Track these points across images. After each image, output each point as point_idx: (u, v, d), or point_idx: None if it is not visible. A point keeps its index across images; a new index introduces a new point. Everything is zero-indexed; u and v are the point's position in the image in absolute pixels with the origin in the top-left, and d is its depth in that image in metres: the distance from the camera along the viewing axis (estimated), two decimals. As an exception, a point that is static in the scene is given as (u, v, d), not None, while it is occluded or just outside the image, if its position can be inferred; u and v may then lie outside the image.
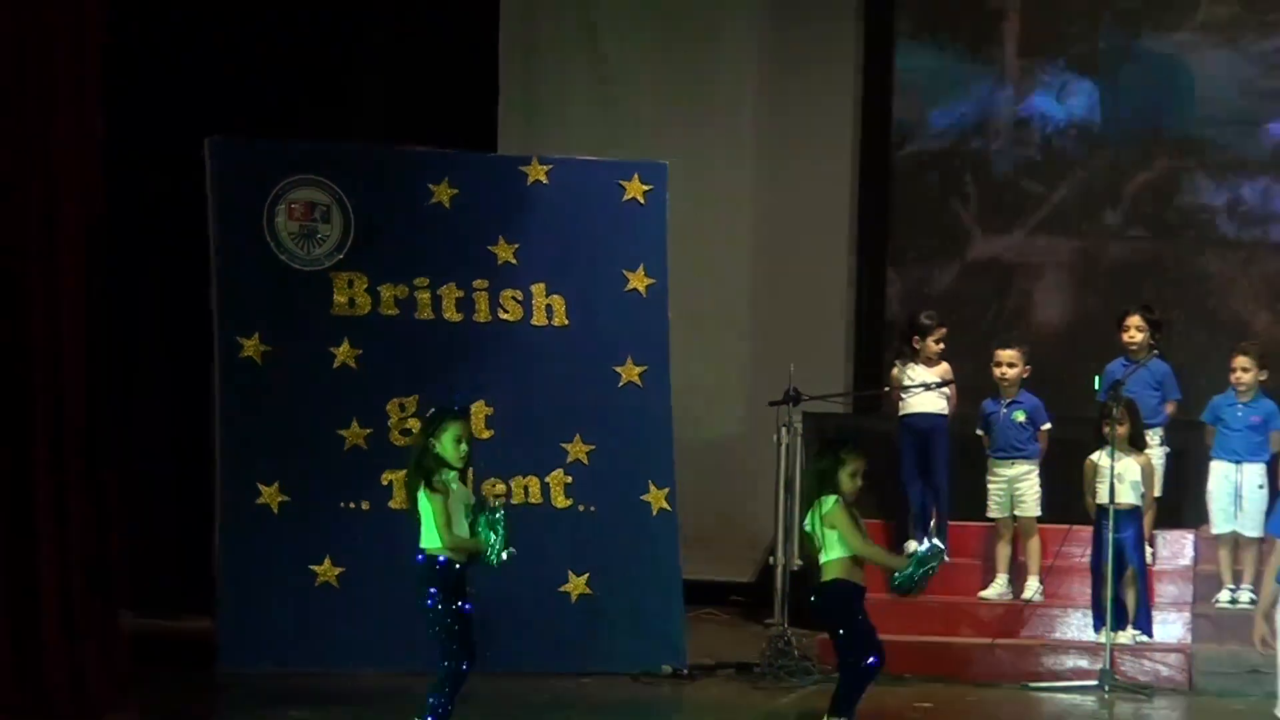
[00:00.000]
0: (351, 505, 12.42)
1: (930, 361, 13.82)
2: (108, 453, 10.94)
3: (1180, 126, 16.29)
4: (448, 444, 9.72)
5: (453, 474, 9.66)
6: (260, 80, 14.76)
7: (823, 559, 10.06)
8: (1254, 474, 13.07)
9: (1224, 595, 13.18)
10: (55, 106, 10.60)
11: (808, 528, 10.13)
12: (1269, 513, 9.14)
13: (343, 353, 12.63)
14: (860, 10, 16.93)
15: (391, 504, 12.02)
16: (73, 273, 10.69)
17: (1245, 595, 12.70)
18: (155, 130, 13.87)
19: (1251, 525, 12.81)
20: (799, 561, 12.02)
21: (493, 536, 9.61)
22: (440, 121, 15.29)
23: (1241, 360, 13.29)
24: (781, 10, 16.94)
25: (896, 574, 10.13)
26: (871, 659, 9.97)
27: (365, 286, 12.72)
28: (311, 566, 12.37)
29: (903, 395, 13.94)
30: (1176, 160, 16.26)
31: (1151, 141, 16.38)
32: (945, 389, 13.83)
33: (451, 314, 12.83)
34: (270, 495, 12.42)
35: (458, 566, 9.58)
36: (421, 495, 9.58)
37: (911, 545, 13.61)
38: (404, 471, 10.21)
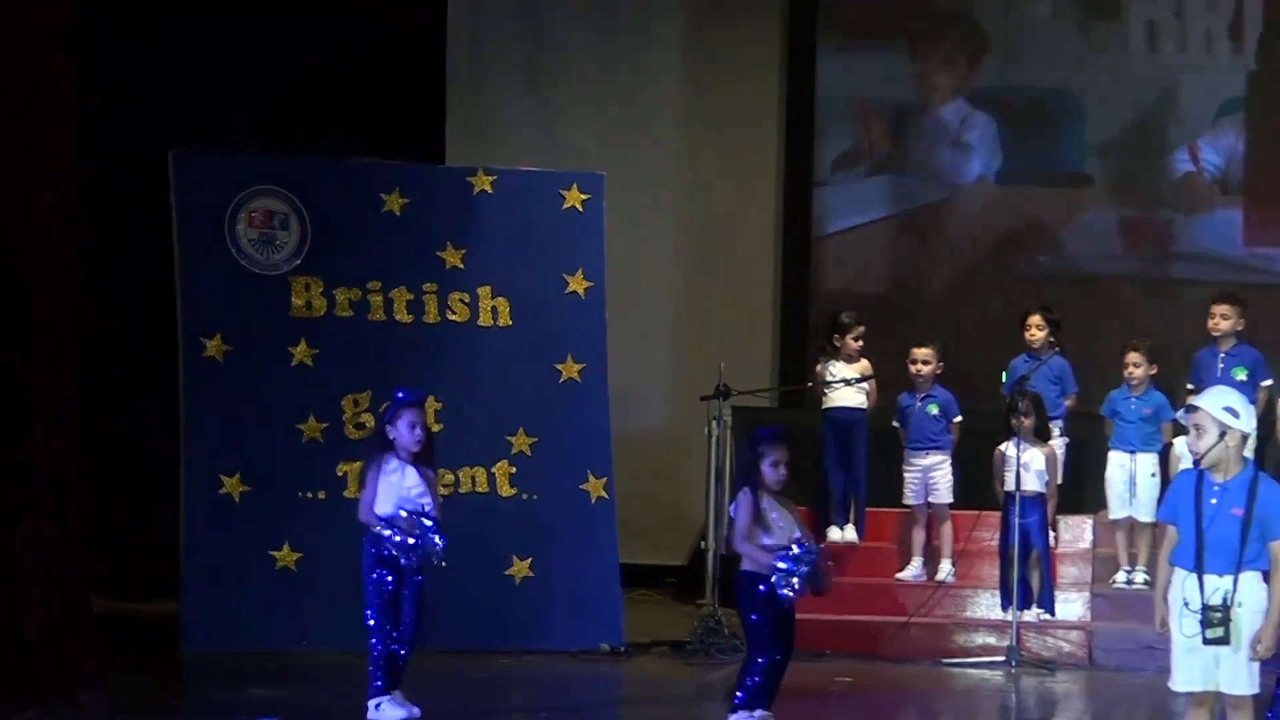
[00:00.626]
0: (309, 494, 12.42)
1: (851, 359, 13.84)
2: (76, 449, 10.86)
3: (1077, 155, 16.52)
4: (402, 430, 9.94)
5: None
6: (223, 96, 14.74)
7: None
8: (1147, 463, 13.18)
9: (1120, 576, 13.27)
10: (30, 117, 10.56)
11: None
12: (1160, 499, 9.23)
13: (300, 352, 12.63)
14: (784, 37, 16.94)
15: (346, 493, 12.00)
16: (42, 275, 10.60)
17: (1140, 576, 12.83)
18: (122, 141, 13.86)
19: (1145, 511, 12.89)
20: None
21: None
22: (392, 135, 15.37)
23: (1133, 356, 13.36)
24: (706, 34, 16.96)
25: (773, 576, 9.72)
26: (760, 658, 9.66)
27: (321, 290, 12.72)
28: (271, 552, 12.38)
29: (825, 390, 13.93)
30: (1072, 187, 16.50)
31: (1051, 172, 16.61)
32: (865, 384, 13.83)
33: (403, 315, 12.83)
34: (232, 485, 12.43)
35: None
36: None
37: (834, 531, 13.84)
38: (359, 463, 10.34)
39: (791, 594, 9.44)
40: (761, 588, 9.49)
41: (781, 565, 9.41)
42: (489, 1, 17.01)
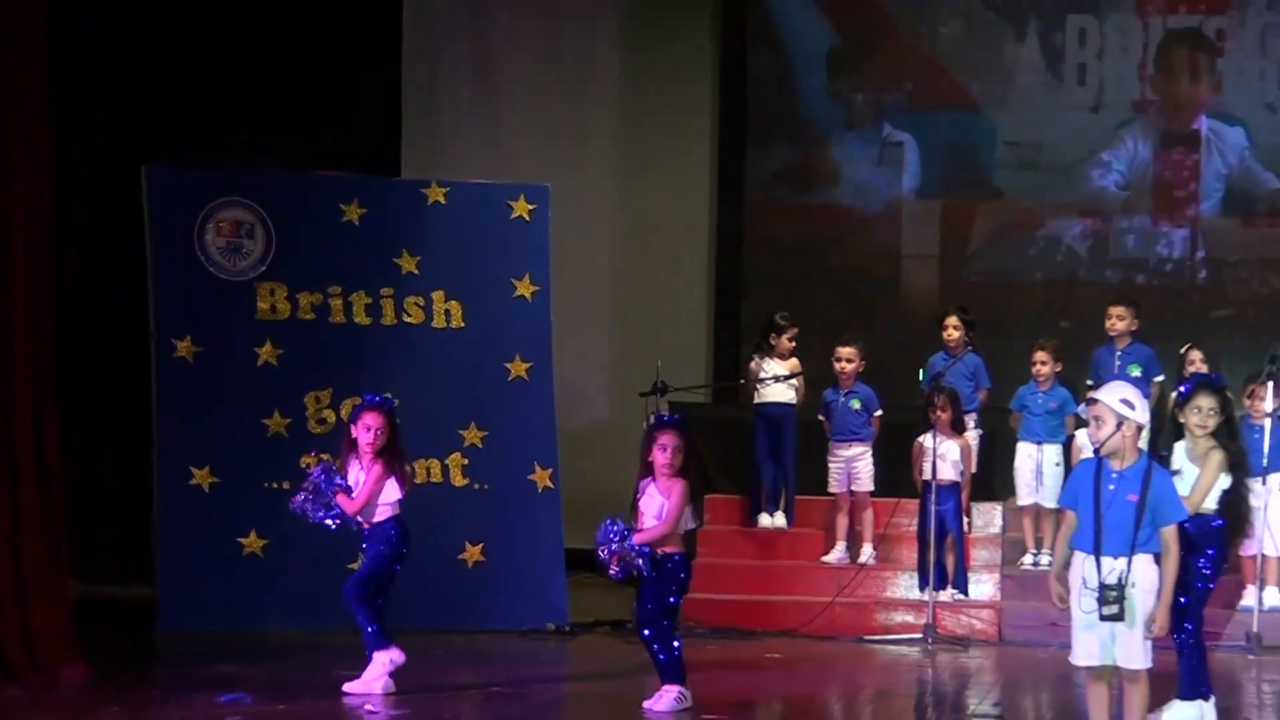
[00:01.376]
0: (274, 485, 12.34)
1: (783, 357, 13.91)
2: (55, 442, 10.90)
3: (988, 170, 16.64)
4: (360, 431, 9.99)
5: None
6: (193, 111, 14.77)
7: None
8: (1052, 453, 13.30)
9: (1028, 559, 13.40)
10: (8, 130, 10.63)
11: None
12: (1064, 487, 9.32)
13: (265, 352, 12.67)
14: (716, 58, 17.04)
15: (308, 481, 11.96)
16: (23, 276, 10.62)
17: (1045, 559, 12.87)
18: (97, 153, 13.89)
19: (1050, 498, 12.94)
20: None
21: None
22: (351, 149, 15.35)
23: (1040, 355, 13.45)
24: (642, 55, 17.08)
25: None
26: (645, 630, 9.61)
27: (285, 294, 12.77)
28: (239, 539, 12.41)
29: (758, 386, 13.99)
30: (985, 200, 16.62)
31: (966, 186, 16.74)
32: (794, 381, 13.90)
33: (362, 318, 12.88)
34: (202, 477, 12.47)
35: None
36: None
37: (764, 518, 13.94)
38: (324, 457, 10.34)
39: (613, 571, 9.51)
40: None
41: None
42: (440, 27, 17.02)
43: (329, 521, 9.96)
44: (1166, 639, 8.41)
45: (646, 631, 9.55)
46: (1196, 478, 9.08)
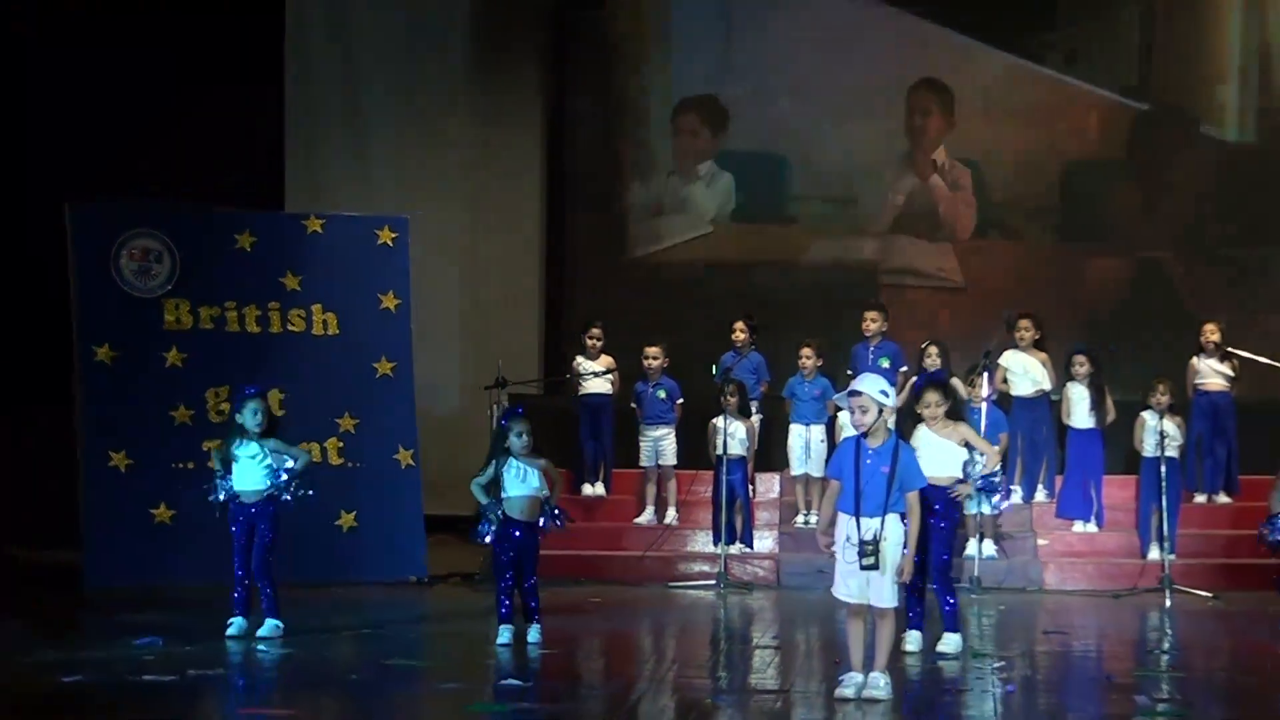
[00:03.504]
0: (180, 465, 12.35)
1: (598, 356, 14.11)
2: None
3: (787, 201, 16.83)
4: (246, 416, 10.03)
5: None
6: (105, 152, 14.69)
7: None
8: (818, 432, 13.55)
9: (800, 518, 13.58)
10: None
11: None
12: (828, 460, 9.44)
13: (171, 356, 12.64)
14: (545, 110, 17.11)
15: (209, 464, 11.47)
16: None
17: (814, 518, 12.88)
18: (23, 189, 13.78)
19: (817, 468, 13.17)
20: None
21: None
22: (243, 186, 15.23)
23: (807, 351, 13.70)
24: (486, 105, 17.06)
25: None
26: (502, 591, 9.67)
27: (188, 308, 12.73)
28: (151, 510, 12.38)
29: (580, 380, 14.19)
30: (783, 225, 16.76)
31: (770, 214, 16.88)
32: (609, 376, 14.12)
33: (253, 327, 12.86)
34: (119, 459, 12.44)
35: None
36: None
37: (587, 487, 14.14)
38: (218, 441, 10.38)
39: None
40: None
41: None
42: (316, 81, 16.95)
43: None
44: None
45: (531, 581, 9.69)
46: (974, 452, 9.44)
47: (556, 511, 9.79)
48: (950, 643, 9.40)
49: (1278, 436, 11.05)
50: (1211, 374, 13.87)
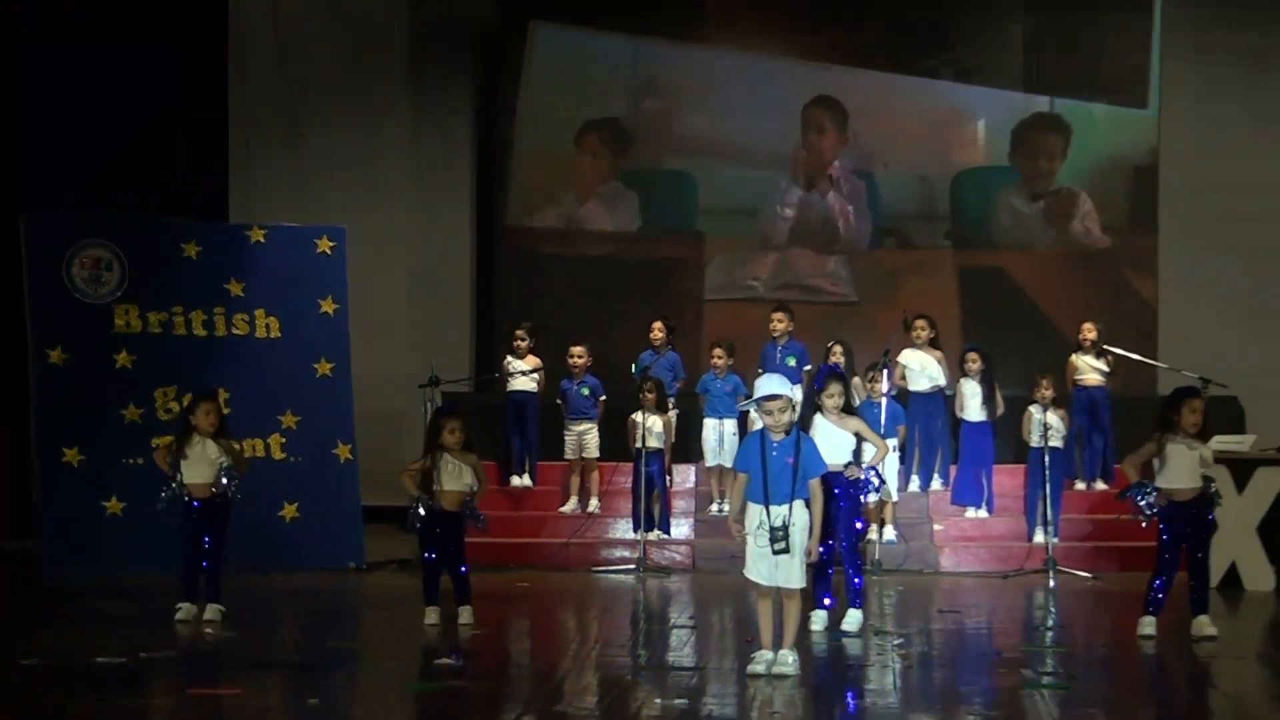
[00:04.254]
0: (130, 461, 12.29)
1: (525, 356, 14.10)
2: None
3: (692, 216, 16.81)
4: (199, 416, 9.95)
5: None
6: (60, 164, 14.57)
7: None
8: (730, 425, 13.55)
9: (714, 507, 13.63)
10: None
11: None
12: (738, 454, 9.42)
13: (121, 358, 12.62)
14: (475, 132, 17.15)
15: (156, 459, 11.79)
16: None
17: (727, 506, 12.82)
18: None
19: (730, 460, 13.01)
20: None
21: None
22: (190, 198, 15.20)
23: (718, 351, 13.77)
24: (422, 121, 17.09)
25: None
26: (428, 577, 9.70)
27: (137, 314, 12.71)
28: (103, 503, 12.35)
29: (509, 379, 14.17)
30: (688, 238, 16.78)
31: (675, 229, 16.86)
32: (535, 374, 14.11)
33: (199, 331, 12.85)
34: (73, 455, 12.40)
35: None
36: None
37: (515, 479, 14.11)
38: (169, 438, 10.30)
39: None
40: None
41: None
42: (258, 100, 16.86)
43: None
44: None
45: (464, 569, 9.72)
46: (862, 445, 9.50)
47: (480, 515, 9.75)
48: (852, 619, 9.47)
49: (1149, 427, 11.08)
50: (1089, 370, 13.99)
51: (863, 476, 9.63)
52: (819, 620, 9.49)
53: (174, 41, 15.64)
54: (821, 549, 9.30)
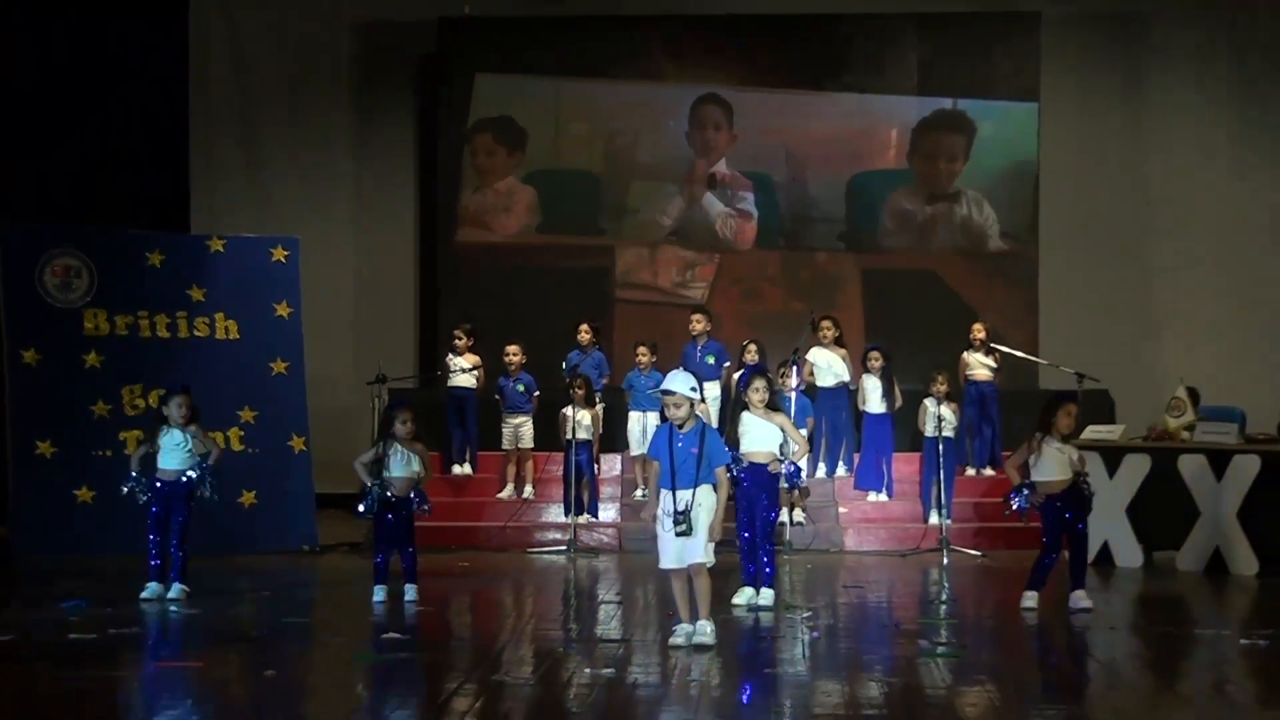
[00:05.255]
0: (99, 453, 12.28)
1: (465, 354, 14.05)
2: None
3: (595, 216, 16.70)
4: (171, 409, 9.94)
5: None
6: (30, 175, 14.36)
7: None
8: (653, 418, 13.25)
9: (638, 493, 13.58)
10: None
11: None
12: (650, 444, 9.41)
13: (90, 359, 12.53)
14: (417, 146, 17.03)
15: (125, 451, 11.82)
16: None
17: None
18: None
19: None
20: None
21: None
22: (153, 210, 15.05)
23: (642, 349, 13.76)
24: (369, 138, 17.06)
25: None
26: (378, 557, 9.75)
27: (105, 317, 12.63)
28: (74, 492, 12.25)
29: (450, 376, 14.10)
30: (592, 239, 16.64)
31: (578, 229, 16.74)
32: (475, 372, 14.05)
33: (163, 333, 12.78)
34: (45, 448, 12.29)
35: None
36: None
37: (456, 468, 14.04)
38: (136, 430, 10.27)
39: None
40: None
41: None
42: (217, 120, 16.78)
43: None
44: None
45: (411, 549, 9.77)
46: (785, 436, 9.48)
47: (425, 500, 9.82)
48: (766, 596, 9.50)
49: (1033, 419, 11.23)
50: (979, 366, 14.09)
51: (784, 470, 9.67)
52: (744, 596, 9.48)
53: (138, 64, 15.48)
54: (745, 534, 9.52)
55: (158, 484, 9.92)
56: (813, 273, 16.58)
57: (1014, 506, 9.46)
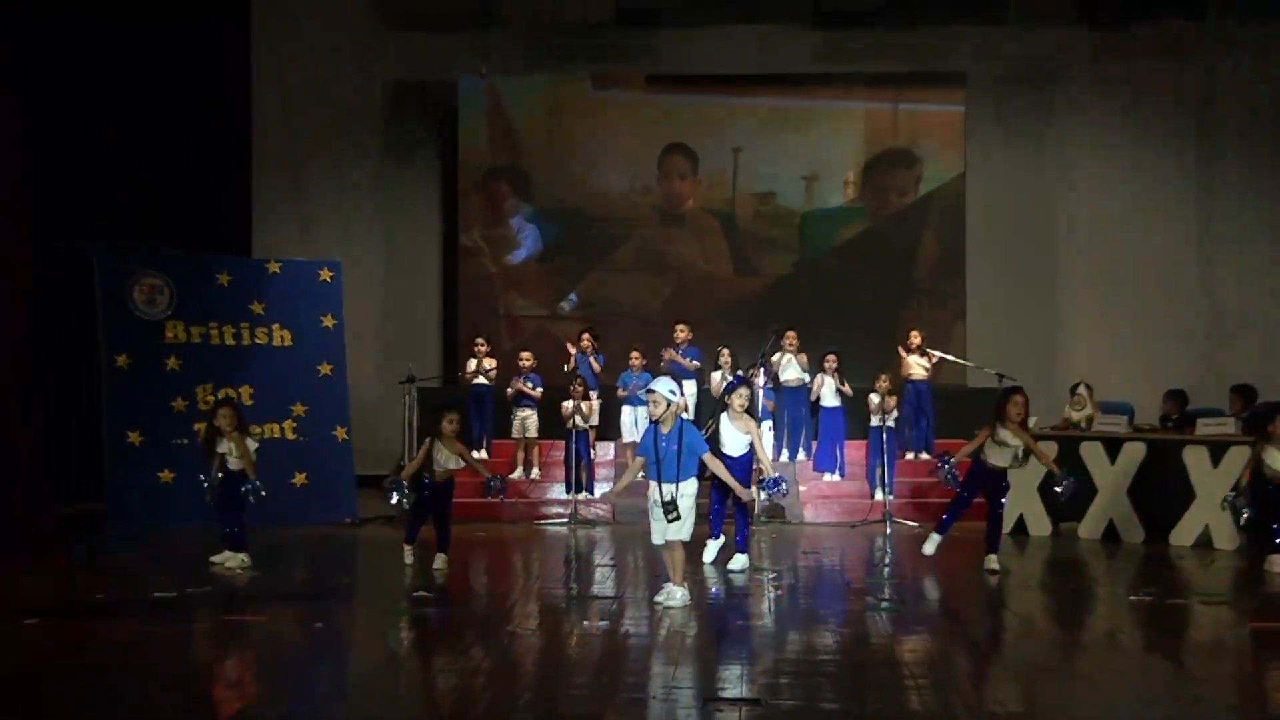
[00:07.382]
0: (179, 441, 12.26)
1: (484, 358, 14.03)
2: (38, 418, 10.88)
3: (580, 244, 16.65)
4: (219, 418, 9.77)
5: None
6: (114, 206, 14.35)
7: None
8: (643, 412, 12.93)
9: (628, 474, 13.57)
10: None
11: None
12: (639, 441, 9.36)
13: (171, 362, 12.53)
14: (440, 182, 17.01)
15: (199, 440, 11.59)
16: (14, 319, 10.58)
17: (641, 475, 12.85)
18: (54, 238, 13.40)
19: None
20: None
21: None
22: (222, 236, 15.09)
23: (634, 353, 13.83)
24: (396, 174, 17.02)
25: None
26: (411, 526, 9.75)
27: (183, 327, 12.63)
28: (158, 473, 12.24)
29: (470, 377, 14.06)
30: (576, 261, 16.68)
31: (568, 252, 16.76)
32: (491, 372, 14.02)
33: (230, 341, 12.79)
34: (135, 437, 12.28)
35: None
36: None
37: (478, 454, 13.97)
38: (205, 424, 10.25)
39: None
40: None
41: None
42: (272, 159, 16.73)
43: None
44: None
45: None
46: (752, 440, 9.40)
47: (498, 483, 9.79)
48: (739, 561, 9.48)
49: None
50: (916, 367, 14.10)
51: (764, 493, 9.66)
52: (737, 561, 9.43)
53: (208, 115, 15.49)
54: (717, 506, 9.51)
55: (224, 473, 9.82)
56: (773, 291, 16.58)
57: (943, 470, 9.44)
